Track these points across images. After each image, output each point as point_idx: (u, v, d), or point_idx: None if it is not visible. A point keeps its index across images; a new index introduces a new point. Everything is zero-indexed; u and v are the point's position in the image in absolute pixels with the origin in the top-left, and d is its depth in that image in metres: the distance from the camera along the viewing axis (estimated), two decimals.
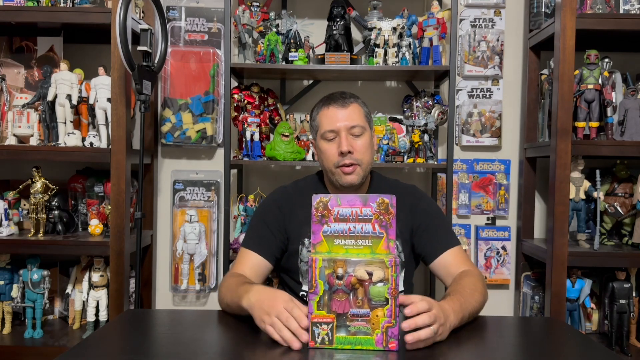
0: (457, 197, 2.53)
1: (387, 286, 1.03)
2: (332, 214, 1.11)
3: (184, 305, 2.60)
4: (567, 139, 2.02)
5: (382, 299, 1.03)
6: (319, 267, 1.04)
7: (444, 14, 2.26)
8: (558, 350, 1.14)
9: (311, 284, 1.05)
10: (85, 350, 1.06)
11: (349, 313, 1.03)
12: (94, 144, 2.18)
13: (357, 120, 1.44)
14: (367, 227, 1.10)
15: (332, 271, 1.04)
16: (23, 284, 2.20)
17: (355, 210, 1.10)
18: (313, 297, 1.04)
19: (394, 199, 1.11)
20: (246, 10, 2.29)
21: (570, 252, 2.03)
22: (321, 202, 1.11)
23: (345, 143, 1.41)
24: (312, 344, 1.03)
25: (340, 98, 1.46)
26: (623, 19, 2.07)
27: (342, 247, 1.10)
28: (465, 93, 2.52)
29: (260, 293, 1.16)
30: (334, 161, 1.44)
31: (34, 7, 2.16)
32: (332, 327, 1.03)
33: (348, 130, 1.43)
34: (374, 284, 1.03)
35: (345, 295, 1.04)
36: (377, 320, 1.03)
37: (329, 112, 1.45)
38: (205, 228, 2.47)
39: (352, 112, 1.45)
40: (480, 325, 1.23)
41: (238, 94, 2.33)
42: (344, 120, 1.43)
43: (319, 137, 1.48)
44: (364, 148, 1.44)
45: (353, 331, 1.03)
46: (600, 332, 2.25)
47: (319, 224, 1.11)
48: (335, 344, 1.03)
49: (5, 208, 2.23)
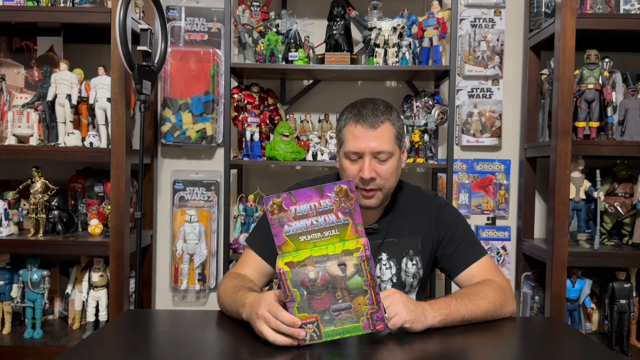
0: (457, 197, 2.53)
1: (364, 279, 1.02)
2: (290, 213, 1.04)
3: (183, 305, 2.60)
4: (567, 139, 2.02)
5: (360, 290, 1.03)
6: (289, 279, 1.02)
7: (444, 14, 2.26)
8: (558, 350, 1.14)
9: (286, 294, 1.03)
10: (85, 350, 1.06)
11: (331, 308, 1.04)
12: (93, 144, 2.18)
13: (384, 145, 1.30)
14: (330, 217, 1.05)
15: (304, 276, 1.02)
16: (23, 284, 2.20)
17: (313, 204, 1.04)
18: (291, 304, 1.03)
19: (352, 183, 1.05)
20: (246, 10, 2.29)
21: (570, 252, 2.03)
22: (274, 204, 1.04)
23: (369, 170, 1.29)
24: (302, 342, 1.04)
25: (370, 116, 1.30)
26: (623, 19, 2.06)
27: (309, 242, 1.05)
28: (465, 93, 2.52)
29: (252, 305, 1.13)
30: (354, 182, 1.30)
31: (34, 7, 2.16)
32: (317, 324, 1.04)
33: (373, 154, 1.30)
34: (349, 278, 1.02)
35: (324, 291, 1.03)
36: (360, 308, 1.04)
37: (355, 131, 1.30)
38: (205, 228, 2.47)
39: (381, 135, 1.30)
40: (480, 325, 1.23)
41: (238, 94, 2.33)
42: (370, 143, 1.29)
43: (342, 152, 1.35)
44: (389, 174, 1.32)
45: (339, 323, 1.04)
46: (601, 332, 2.25)
47: (278, 226, 1.05)
48: (324, 338, 1.04)
49: (5, 208, 2.23)
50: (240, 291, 1.23)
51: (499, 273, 1.40)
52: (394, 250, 1.42)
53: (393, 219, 1.44)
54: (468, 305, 1.22)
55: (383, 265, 1.41)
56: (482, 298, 1.25)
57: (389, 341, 1.10)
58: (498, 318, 1.28)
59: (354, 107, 1.35)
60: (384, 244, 1.42)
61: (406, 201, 1.46)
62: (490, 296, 1.26)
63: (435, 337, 1.13)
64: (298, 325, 1.04)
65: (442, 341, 1.12)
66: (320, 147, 2.34)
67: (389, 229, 1.43)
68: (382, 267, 1.41)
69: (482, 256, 1.40)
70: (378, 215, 1.44)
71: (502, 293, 1.30)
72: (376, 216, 1.43)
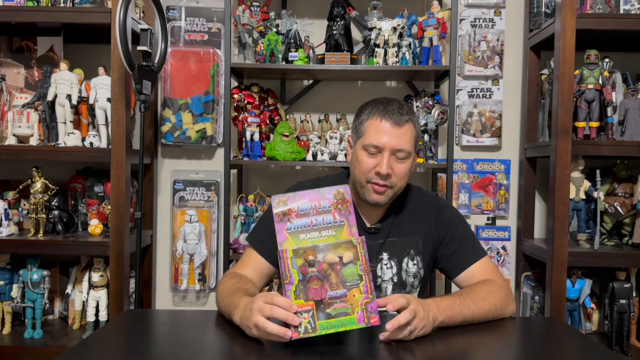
0: (457, 197, 2.53)
1: (359, 263, 1.08)
2: (293, 211, 1.13)
3: (183, 305, 2.60)
4: (567, 139, 2.02)
5: (355, 278, 1.07)
6: (289, 257, 1.08)
7: (444, 14, 2.26)
8: (558, 350, 1.14)
9: (285, 275, 1.07)
10: (85, 350, 1.06)
11: (326, 298, 1.06)
12: (93, 144, 2.18)
13: (406, 144, 1.32)
14: (327, 217, 1.13)
15: (303, 261, 1.07)
16: (23, 284, 2.20)
17: (314, 204, 1.13)
18: (289, 287, 1.07)
19: (347, 188, 1.14)
20: (246, 10, 2.29)
21: (570, 252, 2.03)
22: (280, 201, 1.13)
23: (386, 165, 1.30)
24: (296, 335, 1.03)
25: (397, 113, 1.32)
26: (623, 19, 2.06)
27: (308, 241, 1.11)
28: (465, 93, 2.52)
29: (244, 308, 1.12)
30: (368, 175, 1.34)
31: (34, 7, 2.16)
32: (312, 314, 1.05)
33: (393, 151, 1.32)
34: (345, 265, 1.07)
35: (320, 282, 1.07)
36: (355, 299, 1.06)
37: (380, 125, 1.32)
38: (205, 228, 2.47)
39: (404, 134, 1.32)
40: (480, 325, 1.23)
41: (238, 94, 2.33)
42: (393, 140, 1.31)
43: (360, 144, 1.35)
44: (403, 174, 1.34)
45: (334, 314, 1.05)
46: (601, 332, 2.25)
47: (281, 222, 1.12)
48: (319, 331, 1.04)
49: (5, 208, 2.23)
50: (236, 294, 1.22)
51: (499, 274, 1.41)
52: (395, 250, 1.42)
53: (395, 219, 1.44)
54: (470, 305, 1.22)
55: (384, 265, 1.41)
56: (484, 299, 1.25)
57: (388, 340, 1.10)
58: (498, 318, 1.28)
59: (378, 102, 1.36)
60: (385, 244, 1.42)
61: (408, 201, 1.46)
62: (491, 297, 1.27)
63: (435, 337, 1.13)
64: (294, 310, 1.03)
65: (442, 341, 1.12)
66: (320, 147, 2.34)
67: (391, 229, 1.43)
68: (383, 267, 1.41)
69: (482, 257, 1.41)
70: (380, 215, 1.44)
71: (503, 294, 1.30)
72: (378, 216, 1.44)
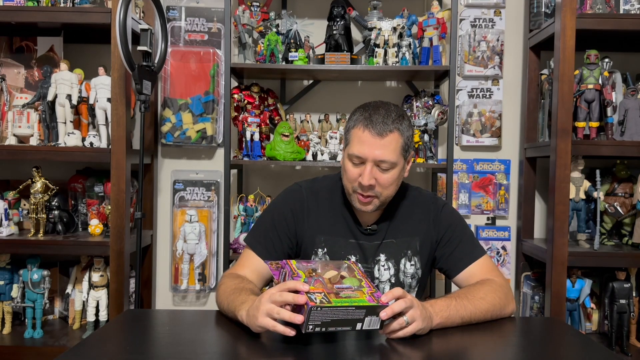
0: (457, 197, 2.53)
1: (355, 272, 1.15)
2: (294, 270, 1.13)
3: (184, 305, 2.60)
4: (567, 139, 2.02)
5: (356, 284, 1.11)
6: (294, 263, 1.13)
7: (444, 14, 2.26)
8: (558, 350, 1.14)
9: (292, 273, 1.10)
10: (85, 350, 1.06)
11: (334, 288, 1.08)
12: (94, 144, 2.18)
13: (389, 155, 1.28)
14: None
15: (305, 277, 1.09)
16: (23, 284, 2.20)
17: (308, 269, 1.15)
18: (298, 279, 1.09)
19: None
20: (246, 10, 2.29)
21: (570, 252, 2.03)
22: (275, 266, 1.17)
23: (368, 177, 1.28)
24: (313, 303, 1.01)
25: (381, 123, 1.28)
26: (623, 19, 2.06)
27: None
28: (465, 93, 2.52)
29: (250, 306, 1.12)
30: (353, 185, 1.33)
31: (34, 7, 2.16)
32: (324, 294, 1.05)
33: (376, 162, 1.29)
34: (344, 278, 1.12)
35: (323, 286, 1.09)
36: (361, 292, 1.09)
37: (362, 136, 1.29)
38: (205, 228, 2.47)
39: (387, 145, 1.28)
40: (480, 325, 1.23)
41: (238, 94, 2.33)
42: (374, 151, 1.28)
43: (346, 152, 1.35)
44: (388, 183, 1.31)
45: (344, 297, 1.06)
46: (600, 332, 2.25)
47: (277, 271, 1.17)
48: (333, 303, 1.04)
49: (5, 208, 2.23)
50: (243, 292, 1.22)
51: (498, 273, 1.40)
52: (392, 251, 1.42)
53: (392, 220, 1.43)
54: (467, 306, 1.21)
55: (381, 266, 1.41)
56: (482, 299, 1.25)
57: (387, 340, 1.10)
58: (497, 318, 1.28)
59: (367, 109, 1.32)
60: (382, 245, 1.42)
61: (405, 202, 1.46)
62: (489, 297, 1.26)
63: (434, 337, 1.13)
64: (306, 290, 1.03)
65: (442, 341, 1.12)
66: (320, 147, 2.35)
67: (388, 230, 1.42)
68: (380, 268, 1.41)
69: (481, 256, 1.40)
70: (377, 216, 1.43)
71: (502, 293, 1.29)
72: (375, 217, 1.43)
